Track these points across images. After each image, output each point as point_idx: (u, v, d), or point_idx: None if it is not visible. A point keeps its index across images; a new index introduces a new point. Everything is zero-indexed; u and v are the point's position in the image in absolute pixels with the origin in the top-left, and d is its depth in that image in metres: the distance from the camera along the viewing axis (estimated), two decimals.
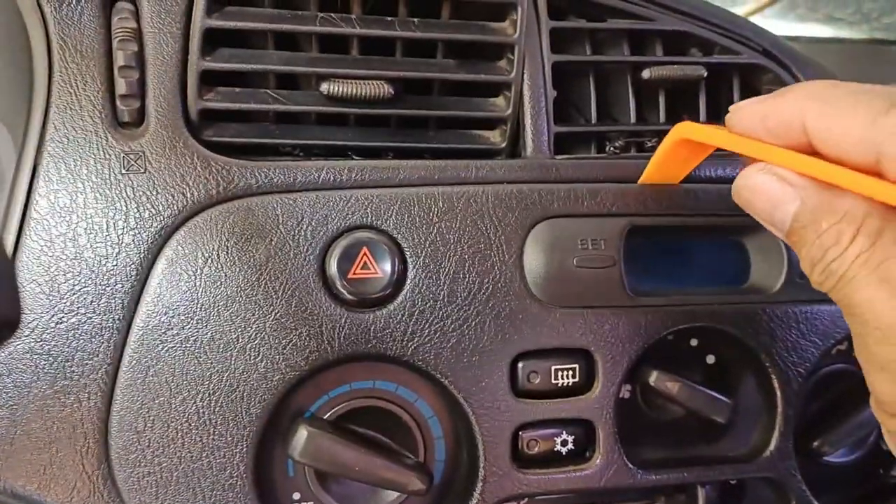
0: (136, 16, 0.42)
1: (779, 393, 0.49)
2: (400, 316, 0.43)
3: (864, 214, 0.30)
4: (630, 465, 0.46)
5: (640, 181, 0.46)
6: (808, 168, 0.31)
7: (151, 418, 0.41)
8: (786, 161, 0.33)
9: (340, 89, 0.43)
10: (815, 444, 0.52)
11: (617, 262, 0.45)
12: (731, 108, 0.36)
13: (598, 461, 0.46)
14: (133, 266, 0.41)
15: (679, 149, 0.42)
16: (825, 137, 0.30)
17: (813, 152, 0.32)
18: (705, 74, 0.50)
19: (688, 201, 0.47)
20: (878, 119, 0.27)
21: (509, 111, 0.47)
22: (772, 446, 0.49)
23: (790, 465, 0.49)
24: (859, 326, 0.32)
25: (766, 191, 0.35)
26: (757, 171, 0.35)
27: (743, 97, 0.52)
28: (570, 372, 0.45)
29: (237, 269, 0.41)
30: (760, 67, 0.52)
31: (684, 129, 0.41)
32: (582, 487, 0.46)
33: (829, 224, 0.32)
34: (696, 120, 0.51)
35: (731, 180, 0.37)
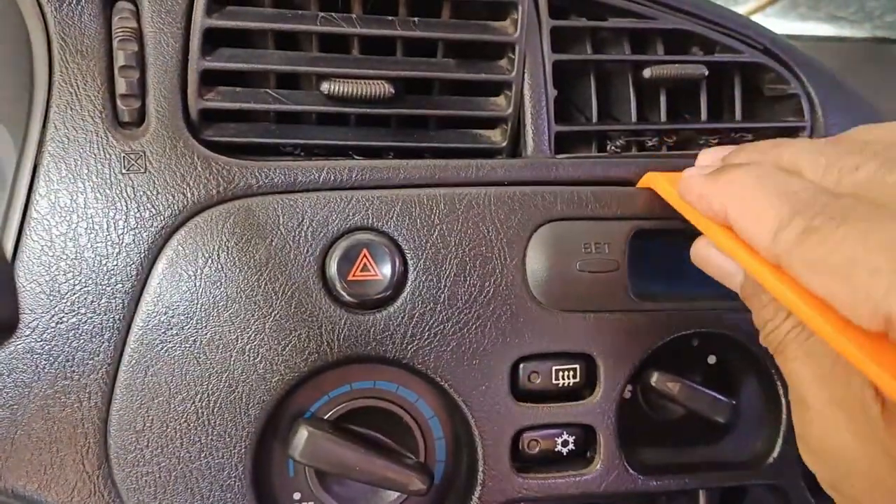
0: (137, 15, 0.42)
1: (784, 400, 0.48)
2: (400, 318, 0.43)
3: None
4: (631, 471, 0.46)
5: (638, 185, 0.46)
6: (736, 256, 0.33)
7: (150, 418, 0.41)
8: (719, 243, 0.35)
9: (341, 89, 0.43)
10: None
11: (621, 266, 0.45)
12: (683, 174, 0.38)
13: (598, 466, 0.46)
14: (133, 266, 0.41)
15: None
16: (742, 236, 0.33)
17: None
18: (707, 73, 0.50)
19: None
20: (779, 233, 0.30)
21: (510, 110, 0.46)
22: (775, 453, 0.49)
23: (795, 473, 0.49)
24: (792, 395, 0.34)
25: (713, 263, 0.38)
26: (705, 244, 0.38)
27: (744, 96, 0.53)
28: (571, 372, 0.45)
29: (237, 270, 0.41)
30: (762, 66, 0.52)
31: (651, 181, 0.43)
32: (582, 492, 0.46)
33: (767, 299, 0.34)
34: (698, 120, 0.51)
35: None
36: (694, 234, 0.39)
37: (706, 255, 0.38)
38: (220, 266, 0.41)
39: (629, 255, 0.45)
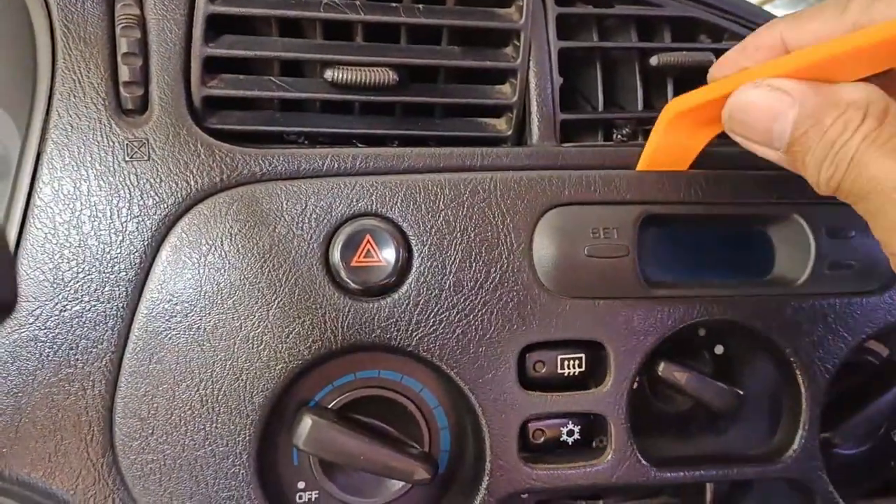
0: (139, 2, 0.42)
1: (804, 390, 0.48)
2: (404, 305, 0.42)
3: (868, 100, 0.32)
4: (643, 462, 0.45)
5: (637, 168, 0.45)
6: (802, 59, 0.33)
7: (155, 406, 0.41)
8: (783, 67, 0.34)
9: (345, 76, 0.43)
10: (826, 435, 0.51)
11: (631, 251, 0.44)
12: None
13: (610, 457, 0.45)
14: (137, 254, 0.41)
15: (676, 130, 0.41)
16: (804, 38, 0.34)
17: None
18: (714, 61, 0.49)
19: (707, 188, 0.46)
20: (847, 6, 0.33)
21: (515, 98, 0.46)
22: (796, 445, 0.48)
23: (816, 466, 0.48)
24: (875, 203, 0.33)
25: (761, 104, 0.35)
26: (750, 87, 0.36)
27: None
28: (576, 361, 0.45)
29: (241, 257, 0.41)
30: None
31: (676, 105, 0.41)
32: (593, 483, 0.45)
33: (833, 119, 0.33)
34: None
35: (752, 166, 0.36)
36: (708, 217, 0.38)
37: (749, 100, 0.36)
38: (223, 253, 0.41)
39: (639, 240, 0.45)
